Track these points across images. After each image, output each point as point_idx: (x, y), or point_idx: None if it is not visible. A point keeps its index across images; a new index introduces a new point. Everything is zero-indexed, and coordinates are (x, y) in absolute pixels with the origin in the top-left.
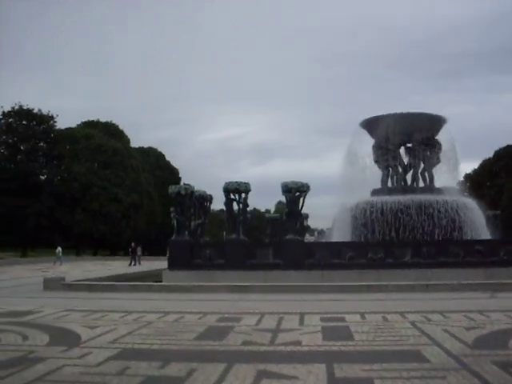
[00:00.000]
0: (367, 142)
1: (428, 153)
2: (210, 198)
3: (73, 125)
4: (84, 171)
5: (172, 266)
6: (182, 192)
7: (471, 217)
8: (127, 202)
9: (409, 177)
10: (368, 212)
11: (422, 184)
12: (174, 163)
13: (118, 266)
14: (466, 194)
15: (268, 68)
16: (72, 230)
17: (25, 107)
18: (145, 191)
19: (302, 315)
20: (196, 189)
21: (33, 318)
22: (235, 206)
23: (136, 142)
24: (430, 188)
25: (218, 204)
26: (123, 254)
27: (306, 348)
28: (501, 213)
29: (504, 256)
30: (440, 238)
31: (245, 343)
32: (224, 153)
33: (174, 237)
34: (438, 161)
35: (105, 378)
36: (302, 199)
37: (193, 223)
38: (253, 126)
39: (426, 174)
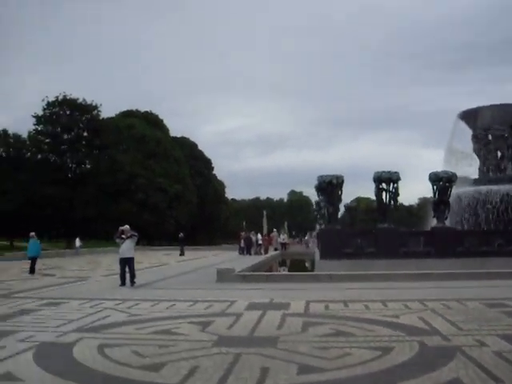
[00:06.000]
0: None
1: None
2: None
3: (109, 114)
4: (129, 161)
5: (324, 255)
6: (334, 181)
7: None
8: (172, 192)
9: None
10: (476, 200)
11: None
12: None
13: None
14: None
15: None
16: (117, 220)
17: (68, 97)
18: (186, 182)
19: None
20: None
21: (322, 311)
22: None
23: None
24: None
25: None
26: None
27: None
28: None
29: None
30: None
31: None
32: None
33: (324, 226)
34: None
35: None
36: (450, 189)
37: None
38: (256, 117)
39: None
